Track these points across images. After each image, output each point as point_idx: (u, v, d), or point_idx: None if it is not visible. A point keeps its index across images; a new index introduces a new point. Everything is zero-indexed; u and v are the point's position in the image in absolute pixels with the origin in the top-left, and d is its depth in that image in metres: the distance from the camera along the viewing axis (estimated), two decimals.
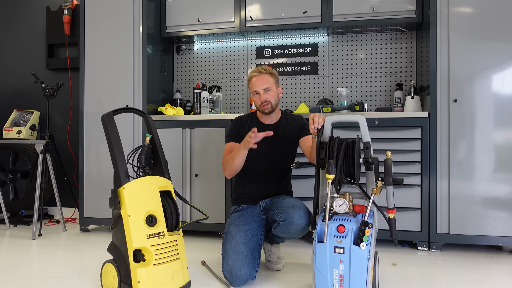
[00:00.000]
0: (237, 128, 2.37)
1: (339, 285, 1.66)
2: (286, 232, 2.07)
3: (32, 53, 4.09)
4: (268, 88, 2.26)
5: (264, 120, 2.37)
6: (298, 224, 2.02)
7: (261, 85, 2.25)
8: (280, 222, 2.05)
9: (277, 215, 2.07)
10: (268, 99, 2.25)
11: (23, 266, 2.45)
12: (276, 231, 2.11)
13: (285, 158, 2.34)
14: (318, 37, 3.52)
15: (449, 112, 2.72)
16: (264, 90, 2.25)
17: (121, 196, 1.83)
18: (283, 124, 2.36)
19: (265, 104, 2.26)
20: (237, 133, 2.35)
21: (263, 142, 2.24)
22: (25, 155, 3.82)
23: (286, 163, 2.36)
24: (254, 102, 2.32)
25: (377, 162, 1.79)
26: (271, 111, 2.29)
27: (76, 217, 3.84)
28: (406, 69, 3.36)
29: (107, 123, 1.95)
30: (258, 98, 2.28)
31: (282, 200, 2.15)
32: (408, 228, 2.77)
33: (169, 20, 3.47)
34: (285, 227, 2.05)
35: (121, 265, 1.82)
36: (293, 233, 2.07)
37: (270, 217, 2.17)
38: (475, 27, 2.71)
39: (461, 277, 2.23)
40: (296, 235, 2.11)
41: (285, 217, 2.03)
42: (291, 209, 2.04)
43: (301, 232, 2.08)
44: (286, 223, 2.03)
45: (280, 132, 2.32)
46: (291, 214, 2.03)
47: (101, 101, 3.31)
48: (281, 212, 2.06)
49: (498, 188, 2.65)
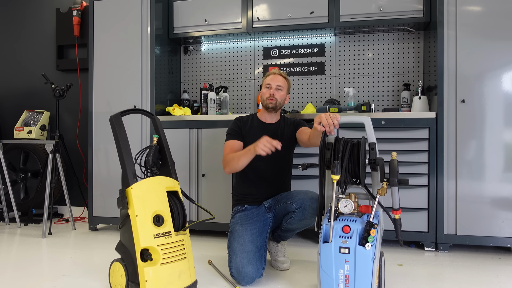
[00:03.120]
0: (239, 126, 2.43)
1: (344, 285, 1.67)
2: (302, 218, 2.16)
3: (42, 54, 4.15)
4: (281, 87, 2.40)
5: (265, 119, 2.45)
6: (313, 207, 2.14)
7: (276, 81, 2.40)
8: (296, 210, 2.15)
9: (290, 206, 2.17)
10: (276, 96, 2.38)
11: (33, 264, 2.50)
12: (291, 221, 2.19)
13: (285, 157, 2.42)
14: (325, 37, 3.52)
15: (456, 113, 2.71)
16: (276, 87, 2.39)
17: (129, 196, 1.86)
18: (281, 125, 2.46)
19: (272, 98, 2.37)
20: (239, 132, 2.41)
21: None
22: (35, 155, 3.88)
23: (286, 162, 2.44)
24: (262, 94, 2.42)
25: (382, 162, 1.80)
26: (273, 107, 2.39)
27: (85, 216, 3.89)
28: (414, 69, 3.34)
29: (115, 124, 1.98)
30: (267, 91, 2.39)
31: (289, 193, 2.28)
32: (415, 229, 2.76)
33: (177, 21, 3.49)
34: (301, 213, 2.15)
35: (129, 264, 1.85)
36: (308, 218, 2.17)
37: (281, 211, 2.23)
38: (483, 26, 2.69)
39: (469, 278, 2.22)
40: (311, 220, 2.19)
41: (300, 203, 2.15)
42: (303, 195, 2.18)
43: (315, 216, 2.15)
44: (302, 209, 2.14)
45: (279, 131, 2.41)
46: (304, 199, 2.15)
47: (110, 101, 3.35)
48: (294, 201, 2.17)
49: (506, 189, 2.63)
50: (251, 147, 2.11)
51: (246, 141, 2.37)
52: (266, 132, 2.35)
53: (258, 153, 2.04)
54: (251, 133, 2.40)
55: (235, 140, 2.38)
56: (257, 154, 2.09)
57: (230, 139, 2.40)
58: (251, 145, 2.11)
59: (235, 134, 2.40)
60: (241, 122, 2.45)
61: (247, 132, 2.41)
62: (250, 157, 2.15)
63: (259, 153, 2.03)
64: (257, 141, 2.05)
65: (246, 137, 2.39)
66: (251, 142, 2.29)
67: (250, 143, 2.28)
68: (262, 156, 2.11)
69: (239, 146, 2.37)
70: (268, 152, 2.01)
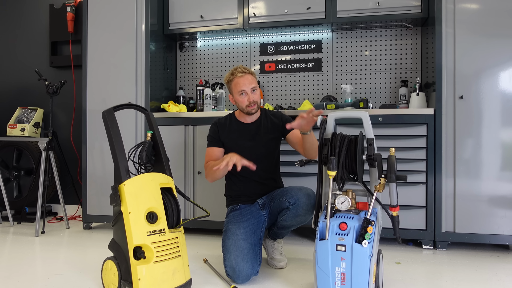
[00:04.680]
0: (216, 132, 2.34)
1: (341, 283, 1.64)
2: (296, 215, 2.11)
3: (36, 51, 4.10)
4: (254, 87, 2.27)
5: (244, 119, 2.35)
6: (308, 204, 2.09)
7: (248, 85, 2.24)
8: (290, 207, 2.10)
9: (285, 202, 2.12)
10: (255, 100, 2.25)
11: (26, 263, 2.45)
12: (286, 218, 2.13)
13: (270, 154, 2.35)
14: (322, 33, 3.49)
15: (455, 109, 2.68)
16: (251, 90, 2.25)
17: (122, 193, 1.82)
18: (263, 122, 2.35)
19: (253, 104, 2.25)
20: (217, 138, 2.33)
21: (246, 143, 2.28)
22: (28, 153, 3.82)
23: (273, 159, 2.37)
24: (239, 102, 2.26)
25: (380, 158, 1.76)
26: (256, 111, 2.30)
27: (79, 215, 3.84)
28: (411, 66, 3.31)
29: (107, 119, 1.94)
30: (245, 99, 2.24)
31: (284, 189, 2.21)
32: (413, 227, 2.73)
33: (172, 17, 3.45)
34: (296, 210, 2.09)
35: (122, 262, 1.81)
36: (303, 214, 2.11)
37: (276, 208, 2.18)
38: (481, 24, 2.66)
39: (467, 276, 2.20)
40: (306, 217, 2.13)
41: (294, 200, 2.09)
42: (297, 191, 2.12)
43: (311, 212, 2.11)
44: (296, 206, 2.08)
45: (262, 129, 2.33)
46: (298, 195, 2.09)
47: (104, 98, 3.31)
48: (289, 197, 2.11)
49: (505, 187, 2.60)
50: (220, 165, 2.00)
51: (227, 146, 2.31)
52: (247, 133, 2.32)
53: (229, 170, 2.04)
54: (230, 137, 2.32)
55: (213, 148, 2.32)
56: (242, 156, 2.08)
57: (209, 146, 2.34)
58: (223, 160, 2.02)
59: (213, 141, 2.34)
60: (218, 127, 2.35)
61: (226, 137, 2.32)
62: (223, 173, 2.16)
63: (228, 170, 2.03)
64: (226, 157, 2.01)
65: (226, 142, 2.32)
66: (233, 146, 2.29)
67: (232, 147, 2.27)
68: (247, 156, 2.09)
69: (219, 153, 2.31)
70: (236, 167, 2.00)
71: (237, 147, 2.25)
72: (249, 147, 2.28)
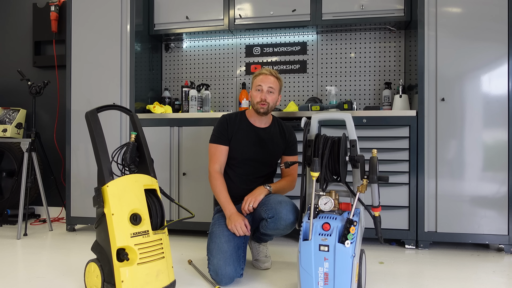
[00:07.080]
0: (225, 129, 2.27)
1: (324, 283, 1.65)
2: (275, 228, 2.04)
3: (19, 51, 4.03)
4: (272, 89, 2.25)
5: (254, 122, 2.31)
6: (287, 219, 2.00)
7: (267, 83, 2.23)
8: (268, 219, 2.03)
9: (264, 213, 2.05)
10: (267, 100, 2.23)
11: (6, 266, 2.41)
12: (264, 229, 2.08)
13: (270, 162, 2.34)
14: (307, 35, 3.52)
15: (436, 111, 2.73)
16: (268, 89, 2.23)
17: (105, 194, 1.81)
18: (273, 131, 2.34)
19: (263, 103, 2.23)
20: (225, 134, 2.26)
21: (251, 146, 2.27)
22: (10, 154, 3.75)
23: (271, 167, 2.36)
24: (253, 97, 2.26)
25: (363, 160, 1.79)
26: (265, 112, 2.26)
27: (63, 217, 3.79)
28: (395, 68, 3.36)
29: (91, 120, 1.92)
30: (258, 95, 2.23)
31: (267, 198, 2.12)
32: (395, 227, 2.77)
33: (158, 18, 3.44)
34: (274, 224, 2.02)
35: (105, 265, 1.80)
36: (282, 229, 2.05)
37: (257, 216, 2.13)
38: (463, 27, 2.71)
39: (448, 274, 2.24)
40: (285, 231, 2.08)
41: (273, 213, 2.01)
42: (278, 205, 2.02)
43: (290, 227, 2.06)
44: (274, 219, 2.01)
45: (269, 137, 2.31)
46: (278, 210, 2.00)
47: (89, 99, 3.27)
48: (268, 209, 2.04)
49: (485, 187, 2.66)
50: (226, 213, 2.13)
51: (233, 145, 2.26)
52: (254, 137, 2.29)
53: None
54: (238, 136, 2.27)
55: (219, 145, 2.25)
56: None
57: (215, 142, 2.26)
58: (227, 211, 2.13)
59: (220, 137, 2.26)
60: (228, 123, 2.28)
61: (234, 134, 2.26)
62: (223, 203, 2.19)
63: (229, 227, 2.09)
64: (232, 217, 2.08)
65: (233, 140, 2.26)
66: (237, 147, 2.26)
67: (236, 148, 2.26)
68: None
69: (223, 152, 2.25)
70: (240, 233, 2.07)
71: (241, 148, 2.25)
72: (253, 152, 2.26)
